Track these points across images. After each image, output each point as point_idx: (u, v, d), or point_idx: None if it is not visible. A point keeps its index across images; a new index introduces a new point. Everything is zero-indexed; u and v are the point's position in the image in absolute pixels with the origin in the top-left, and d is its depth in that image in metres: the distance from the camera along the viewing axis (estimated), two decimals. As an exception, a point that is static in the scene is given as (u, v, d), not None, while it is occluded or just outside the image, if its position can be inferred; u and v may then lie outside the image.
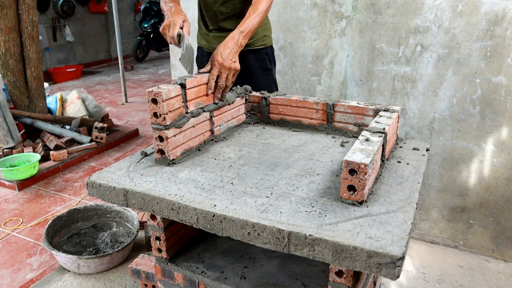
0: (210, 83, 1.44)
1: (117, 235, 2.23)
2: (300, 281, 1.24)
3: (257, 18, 1.61)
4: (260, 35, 1.91)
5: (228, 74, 1.46)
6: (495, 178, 2.08)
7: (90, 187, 1.22)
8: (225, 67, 1.45)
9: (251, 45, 1.90)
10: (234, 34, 1.53)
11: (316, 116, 1.57)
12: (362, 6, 2.14)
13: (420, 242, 2.35)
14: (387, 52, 2.15)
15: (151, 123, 1.26)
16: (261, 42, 1.93)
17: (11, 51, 3.36)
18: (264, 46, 1.95)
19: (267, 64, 1.97)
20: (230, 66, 1.46)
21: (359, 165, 0.96)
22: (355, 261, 0.87)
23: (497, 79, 1.94)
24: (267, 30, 1.97)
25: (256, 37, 1.90)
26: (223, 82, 1.45)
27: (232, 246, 1.42)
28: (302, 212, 1.00)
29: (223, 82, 1.45)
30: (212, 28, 1.91)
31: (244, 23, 1.57)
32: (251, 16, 1.60)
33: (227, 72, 1.46)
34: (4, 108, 3.25)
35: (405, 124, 2.22)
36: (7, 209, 2.68)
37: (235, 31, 1.54)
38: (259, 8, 1.62)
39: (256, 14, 1.61)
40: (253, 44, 1.90)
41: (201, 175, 1.22)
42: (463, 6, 1.92)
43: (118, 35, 5.17)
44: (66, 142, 3.47)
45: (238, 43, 1.52)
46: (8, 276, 2.01)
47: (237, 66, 1.49)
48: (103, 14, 8.66)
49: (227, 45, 1.49)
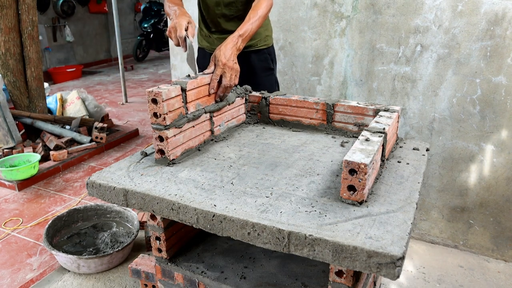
0: (213, 82, 1.45)
1: (117, 235, 2.23)
2: (300, 281, 1.24)
3: (257, 22, 1.65)
4: (262, 35, 1.93)
5: (232, 73, 1.48)
6: (495, 178, 2.08)
7: (90, 187, 1.22)
8: (229, 67, 1.47)
9: (254, 45, 1.92)
10: (234, 37, 1.56)
11: (316, 116, 1.57)
12: (362, 6, 2.14)
13: (420, 242, 2.35)
14: (387, 52, 2.15)
15: (151, 123, 1.26)
16: (264, 42, 1.95)
17: (11, 51, 3.36)
18: (266, 46, 1.97)
19: (269, 64, 2.00)
20: (233, 66, 1.49)
21: (359, 165, 0.96)
22: (355, 261, 0.87)
23: (497, 79, 1.94)
24: (268, 30, 1.99)
25: (258, 38, 1.91)
26: (227, 82, 1.47)
27: (232, 246, 1.42)
28: (302, 212, 1.00)
29: (227, 82, 1.47)
30: (215, 30, 1.92)
31: (244, 27, 1.61)
32: (251, 20, 1.63)
33: (231, 72, 1.48)
34: (4, 108, 3.25)
35: (405, 124, 2.22)
36: (7, 209, 2.68)
37: (235, 34, 1.57)
38: (258, 13, 1.66)
39: (256, 18, 1.64)
40: (255, 44, 1.92)
41: (201, 175, 1.22)
42: (463, 6, 1.92)
43: (118, 35, 5.17)
44: (66, 142, 3.47)
45: (237, 46, 1.55)
46: (8, 276, 2.01)
47: (238, 67, 1.52)
48: (103, 14, 8.66)
49: (228, 47, 1.51)
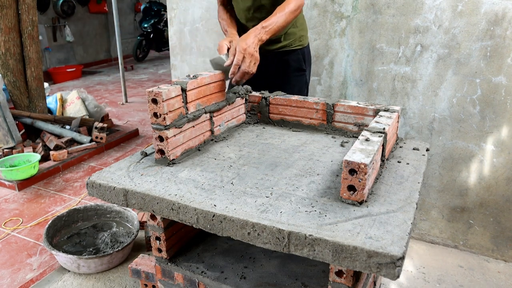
0: (234, 68, 1.47)
1: (117, 235, 2.23)
2: (300, 281, 1.24)
3: (283, 17, 1.63)
4: (297, 35, 1.90)
5: (251, 60, 1.49)
6: (495, 178, 2.08)
7: (90, 187, 1.22)
8: (249, 53, 1.48)
9: (288, 45, 1.89)
10: (257, 29, 1.57)
11: (316, 116, 1.57)
12: (362, 6, 2.14)
13: (420, 242, 2.35)
14: (387, 52, 2.15)
15: (151, 123, 1.26)
16: (298, 42, 1.92)
17: (11, 51, 3.36)
18: (301, 47, 1.93)
19: (301, 65, 1.95)
20: (253, 53, 1.49)
21: (359, 165, 0.96)
22: (355, 261, 0.87)
23: (497, 79, 1.94)
24: (304, 30, 1.95)
25: (293, 38, 1.88)
26: (246, 67, 1.48)
27: (232, 246, 1.42)
28: (302, 212, 1.00)
29: (246, 68, 1.48)
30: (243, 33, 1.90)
31: (269, 20, 1.61)
32: (277, 15, 1.63)
33: (250, 58, 1.49)
34: (4, 108, 3.25)
35: (405, 124, 2.22)
36: (7, 209, 2.68)
37: (258, 26, 1.58)
38: (286, 8, 1.65)
39: (283, 13, 1.63)
40: (290, 44, 1.89)
41: (201, 175, 1.22)
42: (463, 6, 1.92)
43: (118, 35, 5.17)
44: (66, 142, 3.48)
45: (259, 37, 1.55)
46: (8, 276, 2.01)
47: (258, 56, 1.53)
48: (103, 14, 8.66)
49: (250, 36, 1.53)
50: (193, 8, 2.65)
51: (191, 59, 2.82)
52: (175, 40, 2.83)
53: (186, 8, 2.69)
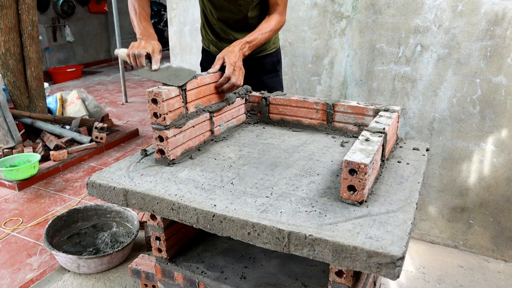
0: (224, 79, 1.48)
1: (117, 235, 2.23)
2: (300, 281, 1.24)
3: (267, 34, 1.69)
4: (272, 39, 1.93)
5: (239, 74, 1.51)
6: (495, 178, 2.08)
7: (90, 187, 1.22)
8: (238, 67, 1.50)
9: (264, 50, 1.93)
10: (241, 42, 1.60)
11: (316, 116, 1.57)
12: (362, 6, 2.14)
13: (420, 242, 2.35)
14: (387, 52, 2.15)
15: (151, 123, 1.26)
16: (273, 45, 1.97)
17: (11, 51, 3.36)
18: (275, 49, 1.99)
19: (276, 66, 2.01)
20: (241, 66, 1.53)
21: (359, 165, 0.96)
22: (355, 261, 0.87)
23: (497, 79, 1.94)
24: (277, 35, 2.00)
25: (269, 42, 1.92)
26: (236, 80, 1.49)
27: (232, 246, 1.42)
28: (302, 212, 1.00)
29: (235, 80, 1.49)
30: (225, 37, 1.90)
31: (253, 35, 1.65)
32: (262, 31, 1.68)
33: (239, 71, 1.51)
34: (4, 108, 3.25)
35: (405, 124, 2.22)
36: (7, 209, 2.68)
37: (243, 40, 1.61)
38: (270, 26, 1.71)
39: (267, 30, 1.69)
40: (265, 49, 1.93)
41: (201, 175, 1.22)
42: (463, 6, 1.92)
43: (118, 35, 5.17)
44: (66, 142, 3.47)
45: (243, 51, 1.60)
46: (8, 276, 2.01)
47: (243, 70, 1.56)
48: (103, 14, 8.66)
49: (235, 49, 1.56)
50: (193, 8, 2.65)
51: (191, 59, 2.82)
52: (175, 40, 2.84)
53: (186, 8, 2.69)
